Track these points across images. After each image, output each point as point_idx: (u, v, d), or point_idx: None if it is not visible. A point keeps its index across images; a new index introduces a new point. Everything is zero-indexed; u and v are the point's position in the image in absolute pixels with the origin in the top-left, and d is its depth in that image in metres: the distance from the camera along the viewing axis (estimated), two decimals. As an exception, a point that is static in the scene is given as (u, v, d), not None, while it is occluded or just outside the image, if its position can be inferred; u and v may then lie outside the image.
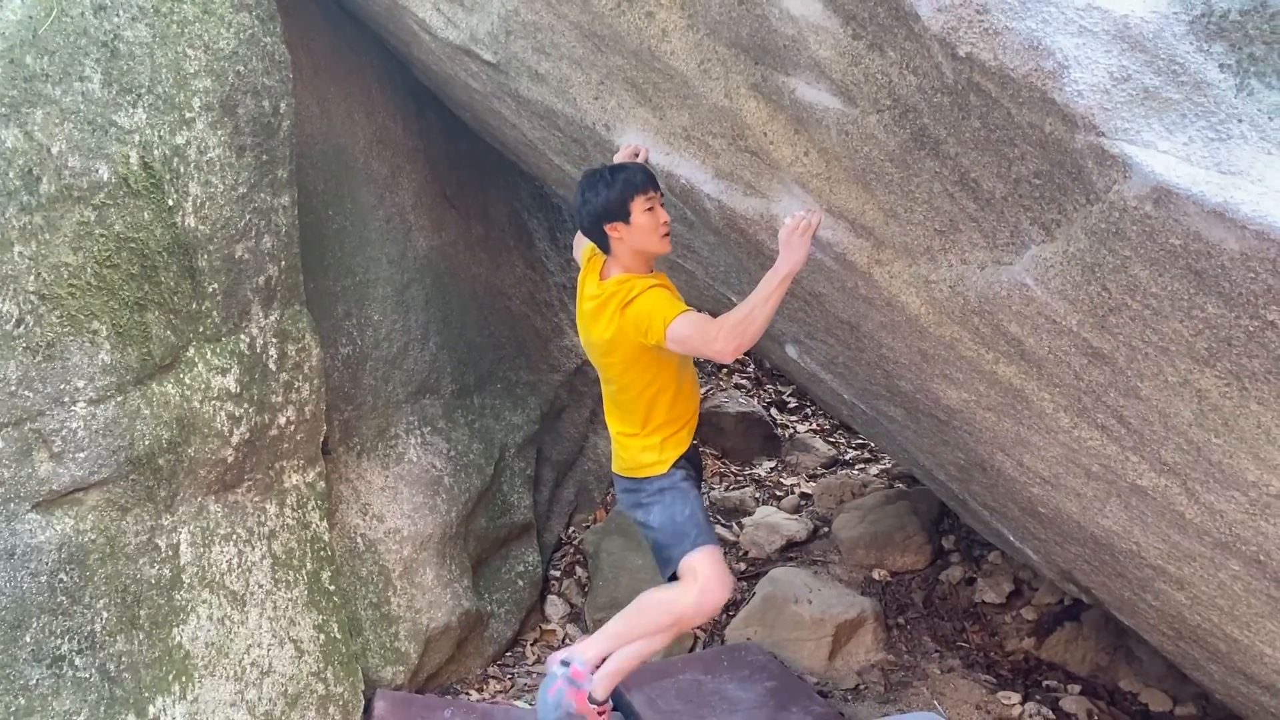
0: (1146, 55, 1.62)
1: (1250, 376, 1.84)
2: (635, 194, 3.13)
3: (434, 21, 3.89)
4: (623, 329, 3.17)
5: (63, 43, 3.42)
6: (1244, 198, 1.52)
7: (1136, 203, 1.66)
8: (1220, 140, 1.56)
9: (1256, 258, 1.56)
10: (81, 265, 3.49)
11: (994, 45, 1.73)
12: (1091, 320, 2.06)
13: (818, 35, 2.23)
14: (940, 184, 2.29)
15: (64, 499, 3.51)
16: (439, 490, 5.10)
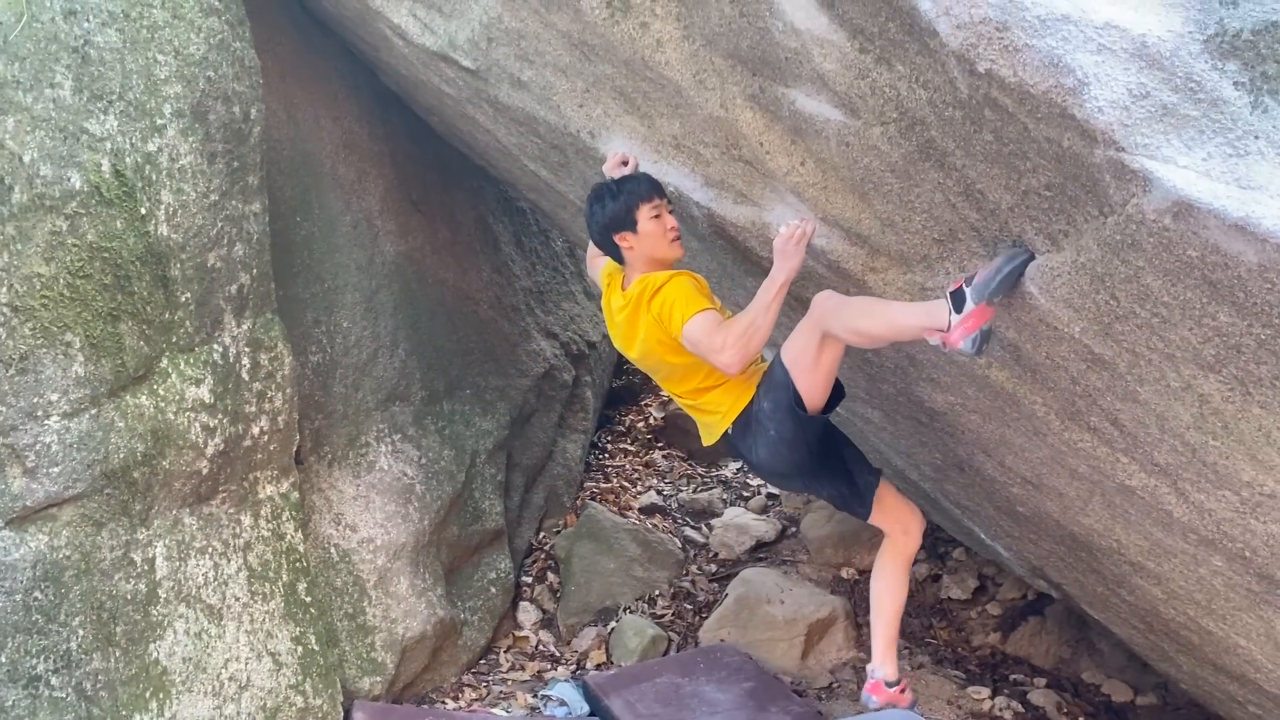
0: (1164, 73, 1.67)
1: (1256, 382, 1.90)
2: (640, 203, 3.15)
3: (410, 27, 3.86)
4: (650, 317, 3.18)
5: (33, 49, 3.34)
6: (1265, 212, 1.58)
7: (1155, 216, 1.71)
8: (1239, 156, 1.62)
9: (1275, 269, 1.62)
10: (54, 276, 3.41)
11: (1014, 62, 1.78)
12: (1096, 328, 2.12)
13: (822, 49, 2.27)
14: (943, 194, 2.33)
15: (38, 515, 3.43)
16: (411, 498, 5.06)
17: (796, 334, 3.02)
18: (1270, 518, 2.26)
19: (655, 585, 5.84)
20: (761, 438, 3.19)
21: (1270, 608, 2.70)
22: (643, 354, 3.34)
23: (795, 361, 3.00)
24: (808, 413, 3.06)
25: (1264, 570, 2.50)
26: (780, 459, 3.24)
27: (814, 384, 3.00)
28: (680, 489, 6.78)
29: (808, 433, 3.15)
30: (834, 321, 2.85)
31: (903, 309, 2.74)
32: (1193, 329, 1.90)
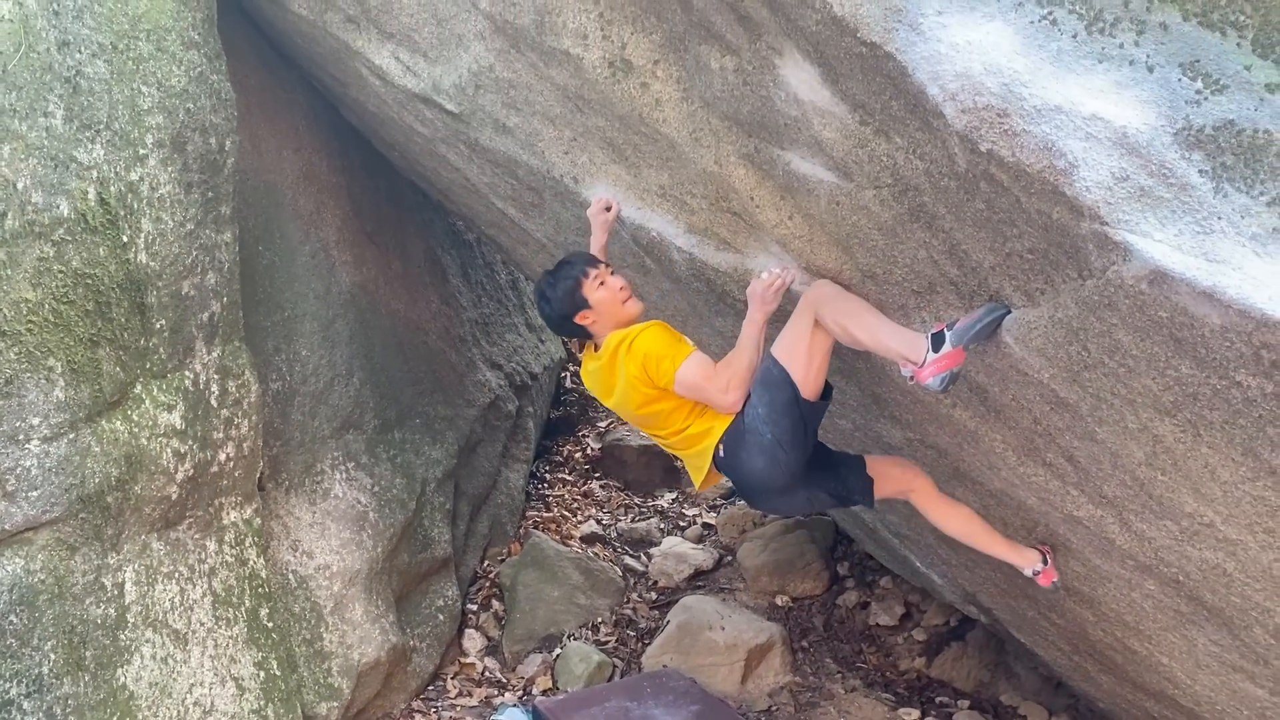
0: (1141, 160, 1.95)
1: (1207, 425, 2.19)
2: (581, 281, 3.22)
3: (391, 69, 4.00)
4: (631, 371, 3.20)
5: (30, 78, 3.39)
6: (1229, 282, 1.86)
7: (1134, 281, 1.98)
8: (1205, 233, 1.90)
9: (1235, 330, 1.90)
10: (40, 301, 3.45)
11: (1013, 144, 2.04)
12: (1065, 375, 2.39)
13: (823, 118, 2.51)
14: (927, 252, 2.59)
15: (14, 539, 3.44)
16: (365, 526, 5.13)
17: (788, 326, 3.07)
18: (1205, 545, 2.55)
19: (598, 613, 5.99)
20: (757, 446, 3.11)
21: (1194, 627, 3.00)
22: (620, 402, 3.33)
23: (790, 351, 3.02)
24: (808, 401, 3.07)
25: (1194, 593, 2.80)
26: (776, 466, 3.12)
27: (810, 371, 3.00)
28: (619, 518, 6.95)
29: (808, 424, 3.11)
30: (826, 309, 2.93)
31: (890, 330, 2.85)
32: (1155, 378, 2.18)
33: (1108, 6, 2.06)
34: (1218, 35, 2.02)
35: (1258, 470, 2.20)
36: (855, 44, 2.23)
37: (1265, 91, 1.95)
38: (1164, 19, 2.04)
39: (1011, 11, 2.08)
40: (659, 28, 2.86)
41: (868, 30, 2.17)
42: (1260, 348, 1.90)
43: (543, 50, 3.16)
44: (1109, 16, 2.06)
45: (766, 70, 2.59)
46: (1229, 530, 2.43)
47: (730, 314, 3.62)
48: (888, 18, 2.14)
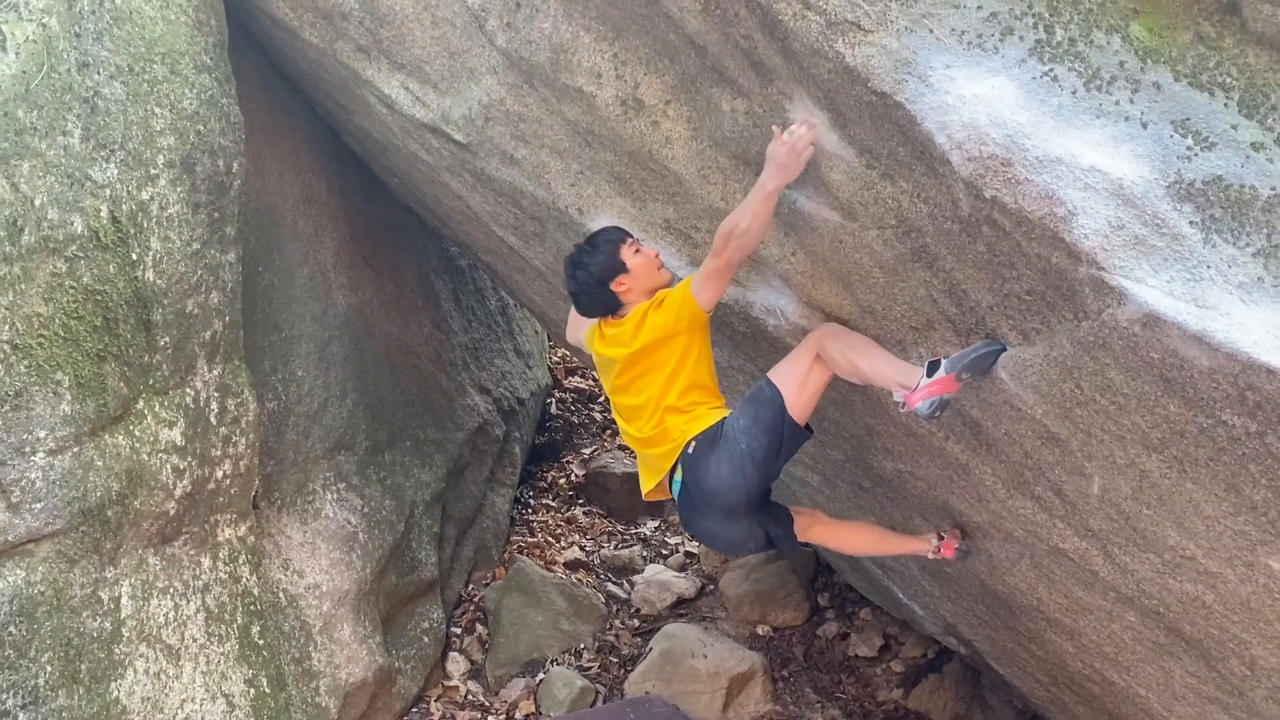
0: (1136, 210, 2.08)
1: (1193, 462, 2.31)
2: (620, 246, 3.27)
3: (400, 99, 4.10)
4: (656, 321, 3.20)
5: (50, 98, 3.46)
6: (1217, 327, 1.98)
7: (1128, 324, 2.10)
8: (1195, 281, 2.02)
9: (1222, 372, 2.02)
10: (51, 316, 3.50)
11: (1015, 192, 2.16)
12: (1058, 411, 2.51)
13: (830, 161, 2.63)
14: (927, 290, 2.71)
15: (16, 550, 3.47)
16: (354, 546, 5.17)
17: (790, 355, 3.14)
18: (1186, 577, 2.67)
19: (581, 639, 6.04)
20: (728, 453, 3.13)
21: (1172, 659, 3.11)
22: (642, 347, 3.26)
23: (786, 375, 3.08)
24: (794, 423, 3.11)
25: (1174, 625, 2.91)
26: (739, 479, 3.14)
27: (801, 397, 3.05)
28: (602, 545, 7.01)
29: (784, 449, 3.14)
30: (831, 344, 2.99)
31: (888, 361, 2.95)
32: (1145, 416, 2.30)
33: (1105, 65, 2.20)
34: (1206, 95, 2.16)
35: (1239, 506, 2.32)
36: (866, 93, 2.35)
37: (1250, 149, 2.08)
38: (1157, 79, 2.17)
39: (1015, 67, 2.21)
40: (671, 69, 2.98)
41: (879, 81, 2.29)
42: (1245, 389, 2.02)
43: (556, 87, 3.27)
44: (1106, 75, 2.19)
45: (777, 114, 2.71)
46: (1210, 563, 2.55)
47: (728, 345, 3.72)
48: (898, 69, 2.26)
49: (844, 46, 2.33)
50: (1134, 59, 2.20)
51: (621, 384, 3.37)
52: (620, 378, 3.36)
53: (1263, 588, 2.47)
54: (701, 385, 3.28)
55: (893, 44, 2.28)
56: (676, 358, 3.20)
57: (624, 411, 3.45)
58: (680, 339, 3.18)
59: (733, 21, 2.59)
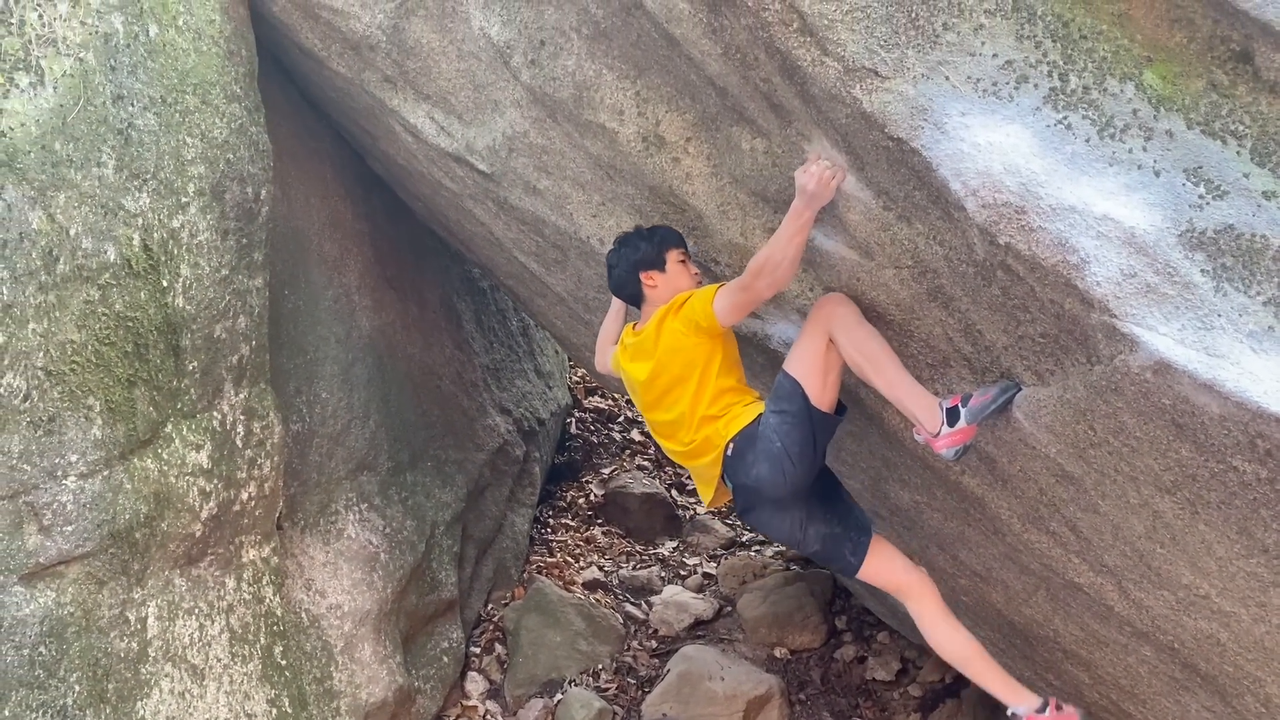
0: (1148, 258, 2.11)
1: (1205, 504, 2.33)
2: (672, 247, 3.29)
3: (426, 129, 4.17)
4: (675, 327, 3.20)
5: (86, 130, 3.55)
6: (1227, 376, 2.01)
7: (1139, 370, 2.13)
8: (1206, 329, 2.05)
9: (1233, 420, 2.05)
10: (84, 343, 3.58)
11: (1029, 239, 2.20)
12: (1072, 451, 2.53)
13: (847, 202, 2.67)
14: (942, 329, 2.74)
15: (47, 572, 3.55)
16: (376, 566, 5.23)
17: (800, 340, 3.07)
18: (1201, 615, 2.68)
19: (599, 659, 6.07)
20: (765, 452, 3.10)
21: (1188, 694, 3.12)
22: (656, 369, 3.29)
23: (802, 365, 3.02)
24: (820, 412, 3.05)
25: (1189, 660, 2.92)
26: (780, 476, 3.09)
27: (824, 385, 3.00)
28: (620, 565, 7.04)
29: (819, 439, 3.09)
30: (843, 337, 2.92)
31: (906, 387, 2.87)
32: (1157, 459, 2.33)
33: (1118, 113, 2.23)
34: (1219, 143, 2.19)
35: (1251, 548, 2.34)
36: (883, 138, 2.39)
37: (1262, 198, 2.11)
38: (1169, 127, 2.20)
39: (1029, 115, 2.25)
40: (693, 108, 3.03)
41: (895, 127, 2.33)
42: (1255, 437, 2.05)
43: (579, 122, 3.33)
44: (1119, 123, 2.23)
45: (795, 154, 2.76)
46: (1223, 603, 2.57)
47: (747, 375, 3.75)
48: (914, 116, 2.31)
49: (861, 93, 2.37)
50: (1147, 107, 2.23)
51: (651, 400, 3.38)
52: (649, 393, 3.36)
53: (1276, 628, 2.49)
54: (730, 388, 3.26)
55: (909, 91, 2.32)
56: (701, 367, 3.20)
57: (662, 429, 3.44)
58: (701, 347, 3.17)
59: (753, 65, 2.64)
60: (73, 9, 3.58)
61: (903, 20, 2.35)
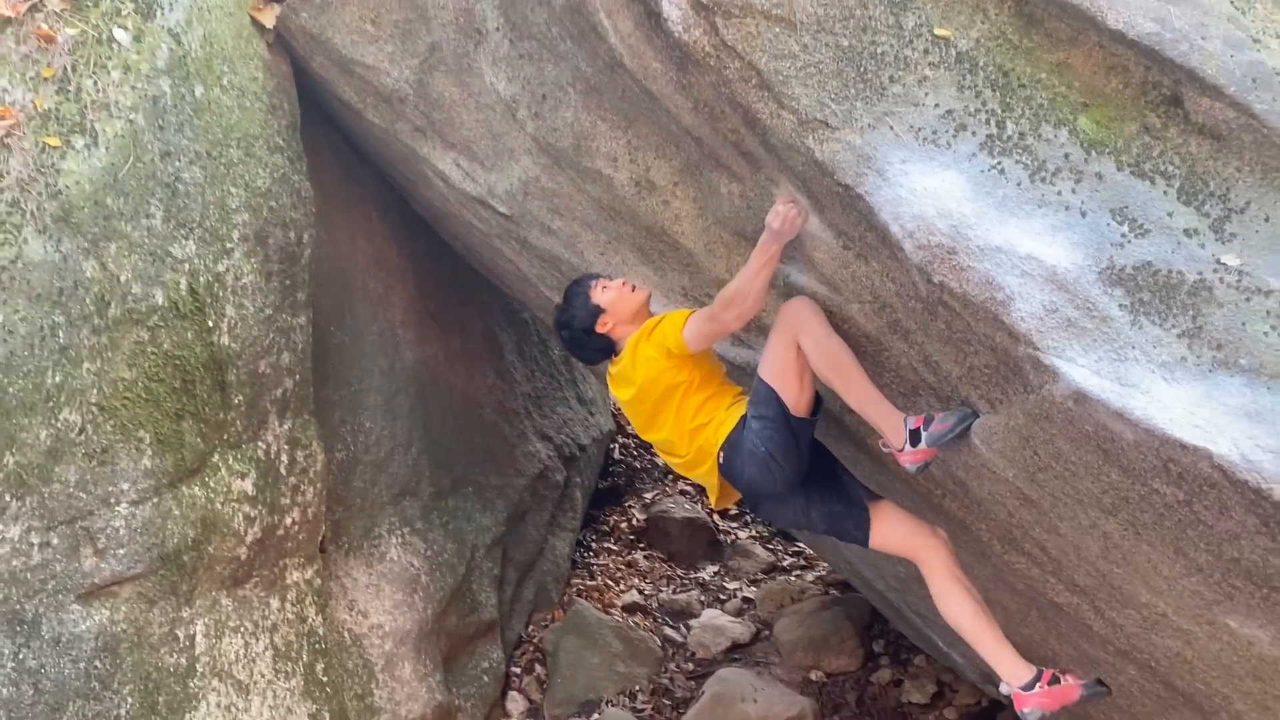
0: (1069, 295, 2.24)
1: (1142, 525, 2.44)
2: (589, 288, 3.43)
3: (453, 174, 4.44)
4: (648, 353, 3.30)
5: (136, 185, 3.88)
6: (1136, 404, 2.13)
7: (1062, 399, 2.27)
8: (1120, 361, 2.18)
9: (1145, 445, 2.17)
10: (135, 380, 3.90)
11: (960, 278, 2.35)
12: (1024, 475, 2.66)
13: (813, 241, 2.85)
14: (907, 360, 2.89)
15: (102, 592, 3.85)
16: (417, 588, 5.48)
17: (770, 347, 3.13)
18: (1165, 634, 2.77)
19: (636, 681, 6.23)
20: (752, 457, 3.19)
21: (1175, 712, 3.19)
22: (638, 394, 3.40)
23: (775, 370, 3.09)
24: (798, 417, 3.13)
25: (1167, 678, 3.00)
26: (769, 477, 3.20)
27: (798, 390, 3.06)
28: (660, 589, 7.20)
29: (799, 439, 3.17)
30: (809, 345, 2.99)
31: (874, 402, 2.99)
32: (1094, 482, 2.44)
33: (1050, 157, 2.38)
34: (1148, 184, 2.32)
35: (1189, 567, 2.43)
36: (833, 184, 2.57)
37: (1183, 235, 2.24)
38: (1099, 169, 2.34)
39: (965, 161, 2.41)
40: (678, 155, 3.24)
41: (843, 174, 2.51)
42: (1168, 461, 2.16)
43: (579, 169, 3.56)
44: (1051, 166, 2.37)
45: (766, 197, 2.95)
46: (1180, 620, 2.66)
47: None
48: (859, 164, 2.48)
49: (814, 142, 2.55)
50: (1079, 150, 2.37)
51: (642, 422, 3.51)
52: (639, 416, 3.49)
53: (1228, 645, 2.57)
54: (711, 394, 3.36)
55: (856, 141, 2.49)
56: (681, 387, 3.31)
57: (660, 446, 3.60)
58: (676, 370, 3.27)
59: (720, 118, 2.84)
60: (124, 75, 3.93)
61: (852, 74, 2.53)
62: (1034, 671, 2.95)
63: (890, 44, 2.51)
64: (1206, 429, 2.07)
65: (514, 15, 3.50)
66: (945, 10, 2.52)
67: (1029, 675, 2.95)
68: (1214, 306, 2.18)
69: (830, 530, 3.40)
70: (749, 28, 2.56)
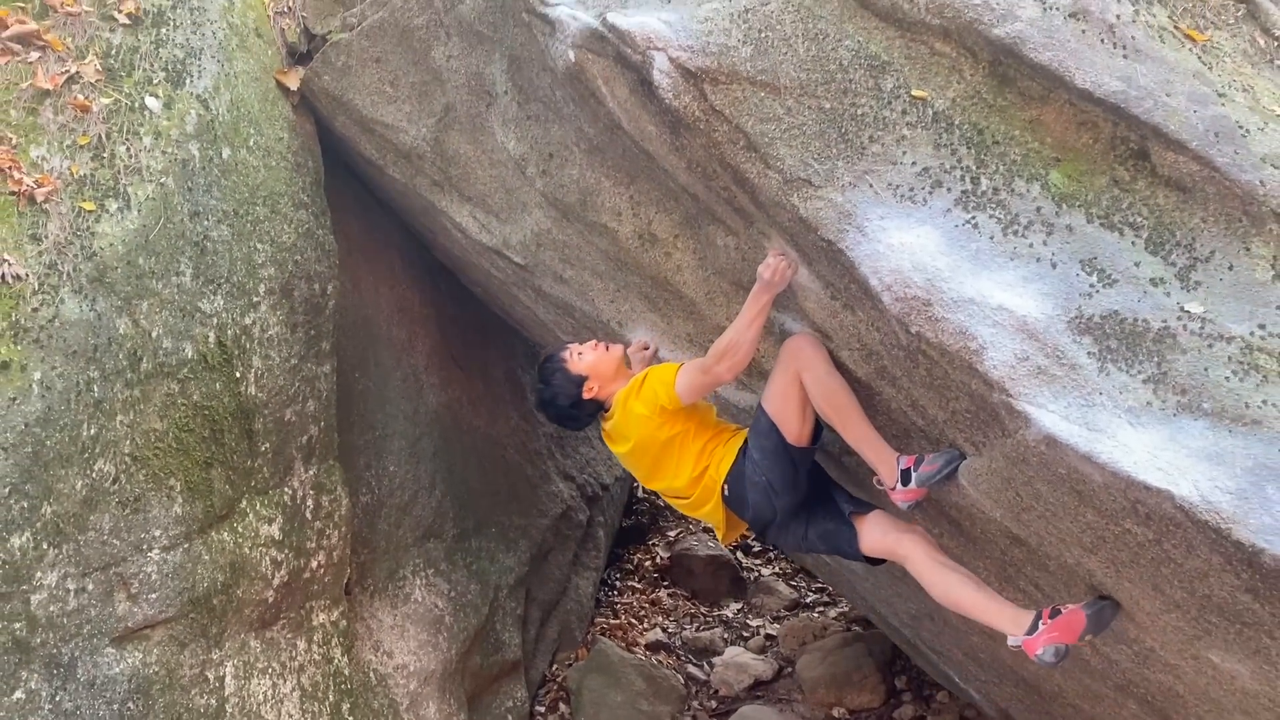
0: (1039, 343, 2.35)
1: (1120, 563, 2.52)
2: (564, 361, 3.52)
3: (470, 226, 4.61)
4: (639, 411, 3.37)
5: (166, 245, 4.08)
6: (1103, 449, 2.22)
7: (1035, 443, 2.36)
8: (1089, 406, 2.27)
9: (1113, 487, 2.25)
10: (166, 430, 4.07)
11: (936, 329, 2.46)
12: (1010, 515, 2.74)
13: (803, 292, 2.97)
14: (896, 404, 3.00)
15: (135, 635, 4.00)
16: (441, 629, 5.59)
17: (773, 380, 3.21)
18: (1156, 669, 2.83)
19: (659, 718, 6.29)
20: (753, 487, 3.28)
21: (1179, 747, 3.23)
22: (635, 448, 3.47)
23: (776, 402, 3.17)
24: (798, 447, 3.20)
25: (1164, 713, 3.06)
26: (771, 505, 3.29)
27: (800, 422, 3.14)
28: (684, 627, 7.27)
29: (799, 467, 3.24)
30: (810, 381, 3.07)
31: (870, 441, 3.08)
32: (1072, 522, 2.53)
33: (1023, 211, 2.49)
34: (1116, 235, 2.42)
35: (1167, 604, 2.50)
36: (818, 239, 2.69)
37: (1149, 285, 2.34)
38: (1070, 221, 2.45)
39: (941, 216, 2.53)
40: (677, 209, 3.38)
41: (825, 230, 2.63)
42: (1135, 502, 2.25)
43: (586, 222, 3.71)
44: (1024, 220, 2.48)
45: (759, 249, 3.08)
46: (1167, 655, 2.72)
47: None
48: (841, 220, 2.60)
49: (798, 200, 2.68)
50: (1050, 204, 2.48)
51: (644, 474, 3.61)
52: (639, 469, 3.60)
53: (1213, 679, 2.63)
54: (710, 438, 3.44)
55: (838, 198, 2.62)
56: (679, 440, 3.39)
57: (666, 493, 3.69)
58: (671, 424, 3.35)
59: (712, 177, 2.97)
60: (155, 140, 4.14)
61: (834, 135, 2.66)
62: (1032, 614, 2.89)
63: (870, 105, 2.65)
64: (1169, 471, 2.16)
65: (520, 80, 3.67)
66: (922, 72, 2.65)
67: (1029, 619, 2.89)
68: (1178, 353, 2.28)
69: (829, 548, 3.48)
70: (736, 93, 2.70)
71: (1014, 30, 2.56)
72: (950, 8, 2.62)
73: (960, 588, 3.08)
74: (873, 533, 3.31)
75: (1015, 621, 2.91)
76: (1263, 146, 2.41)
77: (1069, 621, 2.77)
